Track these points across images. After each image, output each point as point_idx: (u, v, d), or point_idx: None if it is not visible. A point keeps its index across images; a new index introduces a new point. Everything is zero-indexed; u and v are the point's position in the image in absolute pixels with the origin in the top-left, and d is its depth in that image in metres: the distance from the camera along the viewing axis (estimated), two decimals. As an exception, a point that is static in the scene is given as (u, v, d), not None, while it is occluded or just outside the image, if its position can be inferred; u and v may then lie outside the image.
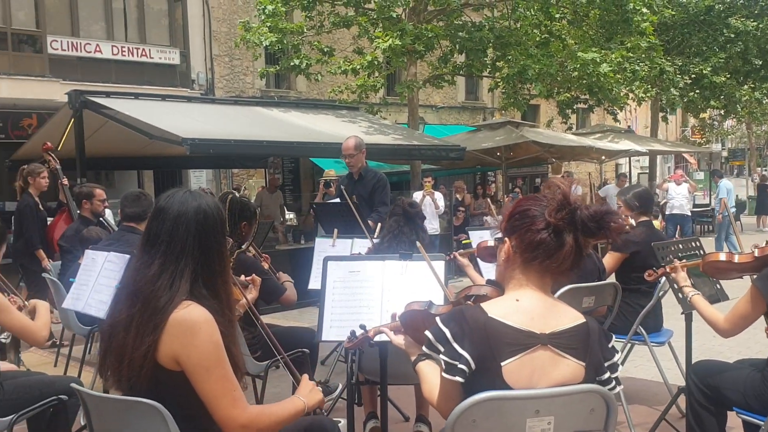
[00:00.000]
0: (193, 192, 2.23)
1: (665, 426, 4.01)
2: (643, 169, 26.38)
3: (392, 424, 4.12)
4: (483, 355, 1.85)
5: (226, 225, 2.29)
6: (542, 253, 1.91)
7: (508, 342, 1.86)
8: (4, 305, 3.16)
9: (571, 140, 15.53)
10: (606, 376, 1.97)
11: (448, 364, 1.88)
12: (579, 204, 1.92)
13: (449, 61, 13.92)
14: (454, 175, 18.16)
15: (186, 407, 2.11)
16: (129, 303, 2.11)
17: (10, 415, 3.12)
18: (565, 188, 1.95)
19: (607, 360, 1.99)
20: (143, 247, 2.17)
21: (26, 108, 13.95)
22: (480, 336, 1.86)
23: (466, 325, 1.88)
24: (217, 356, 2.06)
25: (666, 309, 4.81)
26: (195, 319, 2.04)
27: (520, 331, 1.88)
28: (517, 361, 1.86)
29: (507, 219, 2.01)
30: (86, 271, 4.14)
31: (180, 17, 16.28)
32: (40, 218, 6.96)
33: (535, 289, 1.96)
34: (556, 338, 1.90)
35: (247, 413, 2.11)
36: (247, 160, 13.40)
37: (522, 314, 1.91)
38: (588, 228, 1.90)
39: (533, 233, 1.91)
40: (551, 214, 1.90)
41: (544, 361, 1.88)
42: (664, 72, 15.58)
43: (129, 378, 2.08)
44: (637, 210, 4.69)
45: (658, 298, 4.54)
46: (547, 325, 1.91)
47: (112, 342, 2.12)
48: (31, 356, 6.10)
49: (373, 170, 6.65)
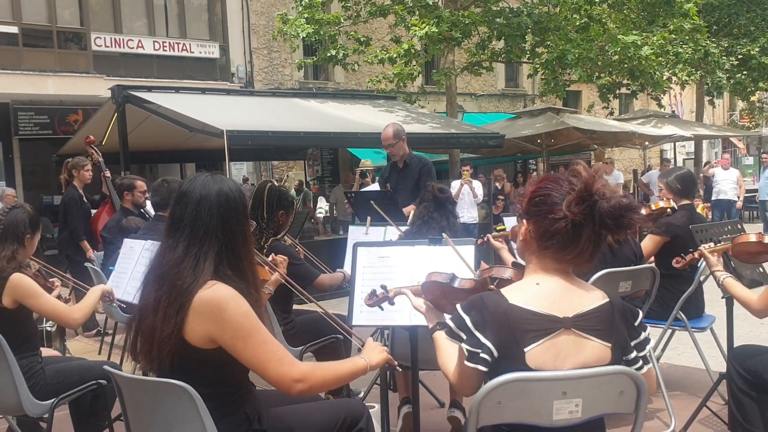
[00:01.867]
0: (215, 176, 2.26)
1: (707, 413, 3.92)
2: (688, 154, 25.77)
3: (426, 409, 4.13)
4: (505, 342, 1.84)
5: (248, 208, 2.31)
6: (556, 244, 1.88)
7: (530, 328, 1.84)
8: (33, 291, 3.26)
9: (614, 126, 15.22)
10: (633, 355, 1.93)
11: (471, 352, 1.87)
12: (600, 195, 1.84)
13: (487, 47, 13.77)
14: (494, 163, 18.00)
15: (215, 386, 2.14)
16: (156, 286, 2.16)
17: (51, 399, 3.22)
18: (588, 177, 1.89)
19: (633, 339, 1.94)
20: (168, 231, 2.21)
21: (72, 104, 14.31)
22: (501, 323, 1.84)
23: (487, 313, 1.86)
24: (250, 324, 2.09)
25: (709, 296, 4.69)
26: (221, 296, 2.08)
27: (542, 315, 1.85)
28: (540, 346, 1.84)
29: (528, 200, 1.96)
30: (125, 260, 4.23)
31: (219, 11, 16.46)
32: (84, 210, 7.12)
33: (556, 273, 1.93)
34: (580, 320, 1.87)
35: (298, 368, 2.13)
36: (286, 152, 13.52)
37: (543, 298, 1.88)
38: (606, 224, 1.85)
39: (550, 222, 1.87)
40: (569, 207, 1.84)
41: (567, 345, 1.85)
42: (708, 54, 15.16)
43: (159, 359, 2.13)
44: (678, 193, 4.58)
45: (699, 282, 4.43)
46: (570, 308, 1.88)
47: (142, 324, 2.17)
48: (76, 344, 6.28)
49: (417, 156, 6.39)
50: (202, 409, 2.10)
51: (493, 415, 1.86)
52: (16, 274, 3.27)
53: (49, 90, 13.65)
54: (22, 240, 3.40)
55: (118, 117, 8.65)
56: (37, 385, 3.24)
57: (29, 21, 13.80)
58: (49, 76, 13.63)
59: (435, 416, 4.25)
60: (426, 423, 3.83)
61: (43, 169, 14.49)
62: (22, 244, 3.39)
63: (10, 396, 3.16)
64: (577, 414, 1.85)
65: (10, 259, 3.31)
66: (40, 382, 3.25)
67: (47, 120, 14.37)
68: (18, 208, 3.49)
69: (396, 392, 4.38)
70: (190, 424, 2.12)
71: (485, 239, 4.10)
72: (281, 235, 4.12)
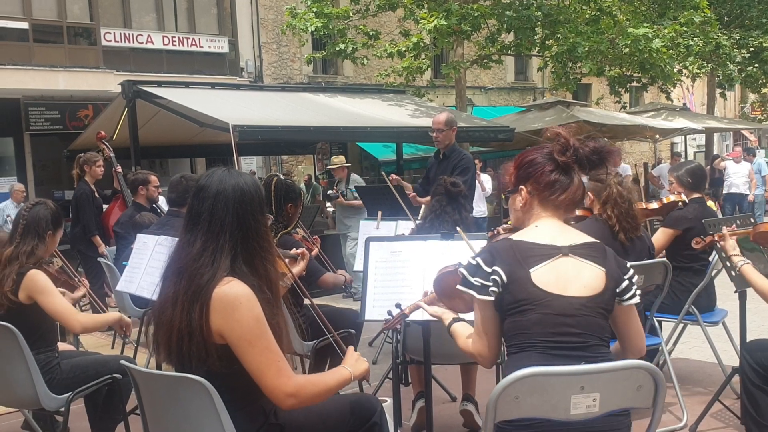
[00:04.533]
0: (231, 170, 2.27)
1: (719, 407, 3.92)
2: (699, 147, 25.61)
3: (438, 403, 4.14)
4: (512, 267, 2.08)
5: (264, 204, 2.31)
6: (559, 188, 2.19)
7: (533, 254, 2.10)
8: (45, 287, 3.30)
9: (624, 119, 15.14)
10: (625, 284, 2.16)
11: (482, 285, 2.10)
12: (578, 144, 2.20)
13: (497, 40, 13.72)
14: (503, 157, 17.95)
15: (233, 378, 2.15)
16: (175, 280, 2.18)
17: (67, 393, 3.25)
18: (564, 133, 2.21)
19: (624, 273, 2.19)
20: (186, 225, 2.23)
21: (82, 99, 14.36)
22: (508, 253, 2.11)
23: (494, 250, 2.14)
24: (258, 329, 2.11)
25: (721, 290, 4.68)
26: (235, 294, 2.10)
27: (543, 245, 2.13)
28: (543, 267, 2.08)
29: (515, 172, 2.27)
30: (138, 255, 4.25)
31: (228, 6, 16.46)
32: (96, 205, 7.16)
33: (551, 217, 2.21)
34: (577, 249, 2.14)
35: (293, 382, 2.15)
36: (296, 147, 13.51)
37: (543, 234, 2.17)
38: (592, 161, 2.20)
39: (547, 174, 2.19)
40: (559, 155, 2.18)
41: (567, 268, 2.10)
42: (720, 46, 15.04)
43: (178, 352, 2.15)
44: (689, 186, 4.57)
45: (711, 277, 4.42)
46: (567, 240, 2.16)
47: (161, 318, 2.19)
48: (89, 338, 6.31)
49: (459, 150, 6.13)
50: (218, 403, 2.11)
51: (511, 410, 1.87)
52: (33, 270, 3.30)
53: (60, 85, 13.70)
54: (43, 236, 3.43)
55: (129, 112, 8.67)
56: (54, 380, 3.27)
57: (39, 17, 13.83)
58: (60, 71, 13.67)
59: (447, 410, 4.26)
60: (438, 417, 3.84)
61: (54, 164, 14.55)
62: (42, 240, 3.42)
63: (27, 390, 3.19)
64: (595, 408, 1.86)
65: (30, 254, 3.34)
66: (56, 377, 3.29)
67: (58, 115, 14.43)
68: (41, 204, 3.51)
69: (407, 387, 4.40)
70: (206, 418, 2.14)
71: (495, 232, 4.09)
72: (291, 228, 4.14)
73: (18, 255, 3.34)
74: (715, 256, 3.99)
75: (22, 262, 3.31)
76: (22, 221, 3.43)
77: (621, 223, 3.89)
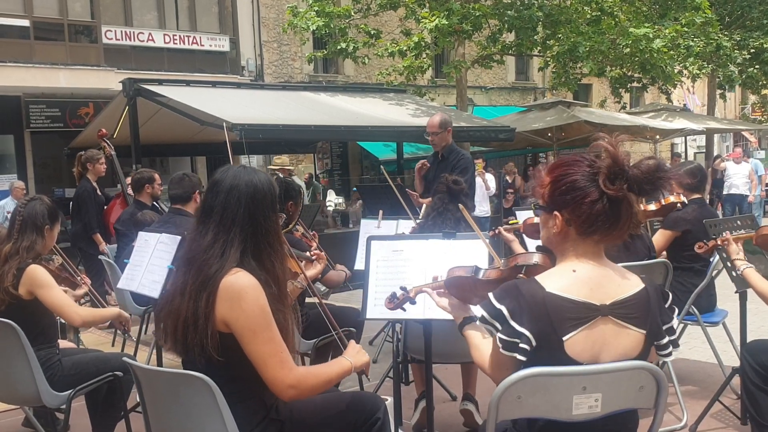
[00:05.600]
0: (247, 167, 2.32)
1: (719, 408, 3.92)
2: (699, 148, 25.61)
3: (439, 402, 4.14)
4: (543, 331, 1.81)
5: (276, 202, 2.33)
6: (602, 226, 1.85)
7: (568, 317, 1.82)
8: (45, 281, 3.32)
9: (624, 120, 15.14)
10: (665, 340, 1.95)
11: (507, 341, 1.84)
12: (629, 164, 1.85)
13: (498, 40, 13.72)
14: (504, 156, 17.97)
15: (235, 369, 2.17)
16: (185, 269, 2.22)
17: (68, 390, 3.25)
18: (614, 150, 1.85)
19: (665, 323, 1.96)
20: (199, 218, 2.28)
21: (83, 97, 14.36)
22: (540, 312, 1.81)
23: (523, 302, 1.83)
24: (263, 319, 2.13)
25: (722, 290, 4.68)
26: (242, 284, 2.13)
27: (580, 303, 1.84)
28: (579, 334, 1.82)
29: (551, 190, 1.92)
30: (139, 253, 4.25)
31: (229, 4, 16.45)
32: (98, 203, 7.16)
33: (591, 258, 1.91)
34: (617, 308, 1.86)
35: (294, 373, 2.17)
36: (296, 146, 13.52)
37: (580, 286, 1.86)
38: (644, 190, 1.86)
39: (588, 206, 1.84)
40: (606, 185, 1.82)
41: (605, 333, 1.85)
42: (720, 47, 15.04)
43: (183, 340, 2.17)
44: (688, 187, 4.57)
45: (712, 277, 4.43)
46: (607, 296, 1.87)
47: (170, 306, 2.22)
48: (89, 336, 6.32)
49: (457, 150, 6.10)
50: (220, 400, 2.12)
51: (513, 409, 1.87)
52: (32, 265, 3.32)
53: (61, 83, 13.70)
54: (42, 231, 3.44)
55: (130, 110, 8.68)
56: (55, 377, 3.27)
57: (40, 14, 13.83)
58: (61, 69, 13.67)
59: (448, 409, 4.26)
60: (439, 416, 3.85)
61: (54, 161, 14.55)
62: (41, 234, 3.44)
63: (29, 386, 3.19)
64: (597, 409, 1.85)
65: (29, 249, 3.36)
66: (57, 374, 3.29)
67: (59, 113, 14.43)
68: (36, 200, 3.53)
69: (408, 385, 4.41)
70: (208, 415, 2.15)
71: (497, 231, 4.10)
72: (291, 226, 4.14)
73: (18, 250, 3.35)
74: (715, 256, 3.99)
75: (22, 257, 3.32)
76: (19, 217, 3.44)
77: (623, 221, 3.88)
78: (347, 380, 4.16)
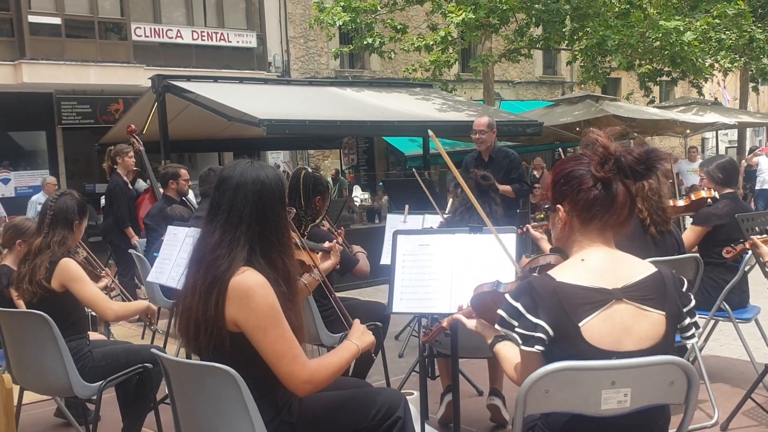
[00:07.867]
0: (254, 163, 2.28)
1: (751, 405, 3.86)
2: (731, 143, 25.20)
3: (465, 397, 4.13)
4: (559, 320, 1.83)
5: (285, 198, 2.32)
6: (599, 210, 1.92)
7: (581, 302, 1.84)
8: (79, 275, 3.37)
9: (654, 114, 14.93)
10: (687, 321, 1.95)
11: (525, 336, 1.86)
12: (621, 151, 1.91)
13: (525, 34, 13.62)
14: (531, 151, 17.83)
15: (246, 369, 2.16)
16: (194, 269, 2.22)
17: (99, 381, 3.30)
18: (604, 140, 1.92)
19: (684, 306, 1.95)
20: (207, 216, 2.27)
21: (113, 93, 14.57)
22: (552, 302, 1.84)
23: (536, 295, 1.86)
24: (273, 317, 2.12)
25: (754, 287, 4.61)
26: (250, 283, 2.12)
27: (591, 289, 1.86)
28: (594, 318, 1.83)
29: (552, 186, 2.01)
30: (168, 246, 4.30)
31: (256, 1, 16.56)
32: (129, 197, 7.24)
33: (599, 246, 1.94)
34: (631, 291, 1.87)
35: (308, 368, 2.16)
36: (322, 141, 13.55)
37: (590, 273, 1.89)
38: (637, 172, 1.91)
39: (585, 192, 1.92)
40: (597, 169, 1.90)
41: (623, 316, 1.85)
42: (753, 40, 14.76)
43: (195, 340, 2.18)
44: (719, 182, 4.49)
45: (744, 273, 4.35)
46: (619, 279, 1.88)
47: (183, 306, 2.23)
48: (119, 329, 6.41)
49: (504, 150, 6.19)
50: (245, 393, 2.13)
51: (541, 404, 1.85)
52: (65, 259, 3.37)
53: (91, 80, 13.91)
54: (72, 225, 3.50)
55: (158, 106, 8.77)
56: (86, 368, 3.32)
57: (72, 12, 14.05)
58: (91, 66, 13.88)
59: (474, 404, 4.25)
60: (465, 411, 3.84)
61: (85, 157, 14.78)
62: (71, 229, 3.49)
63: (61, 377, 3.24)
64: (626, 404, 1.83)
65: (61, 243, 3.41)
66: (88, 365, 3.34)
67: (89, 109, 14.65)
68: (66, 195, 3.58)
69: (434, 380, 4.40)
70: (234, 408, 2.16)
71: (525, 230, 4.07)
72: (318, 221, 4.15)
73: (49, 244, 3.40)
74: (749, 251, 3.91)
75: (54, 251, 3.37)
76: (50, 212, 3.49)
77: (651, 216, 3.84)
78: (373, 374, 4.20)
